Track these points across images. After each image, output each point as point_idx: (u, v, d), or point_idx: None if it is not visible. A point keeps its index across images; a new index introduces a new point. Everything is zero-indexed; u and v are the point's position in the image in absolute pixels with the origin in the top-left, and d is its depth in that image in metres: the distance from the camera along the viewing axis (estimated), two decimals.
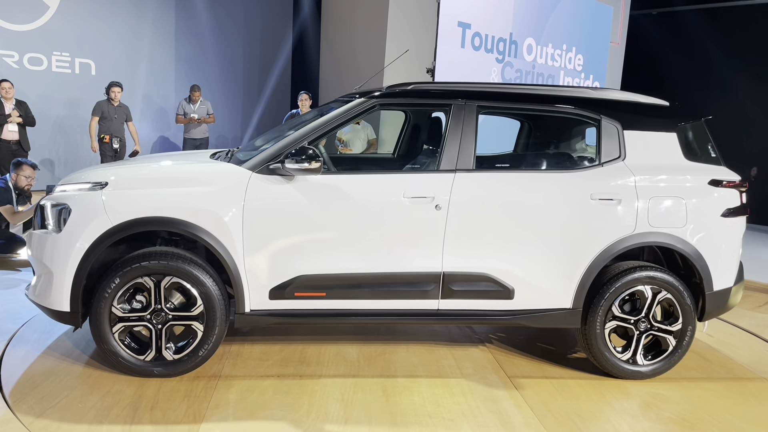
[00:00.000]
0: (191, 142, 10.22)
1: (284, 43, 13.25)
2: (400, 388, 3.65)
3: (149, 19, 11.19)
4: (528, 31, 11.41)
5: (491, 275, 3.69)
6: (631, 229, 3.75)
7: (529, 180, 3.82)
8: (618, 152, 3.86)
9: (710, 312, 3.93)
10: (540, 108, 4.05)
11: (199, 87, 10.22)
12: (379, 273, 3.61)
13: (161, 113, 11.79)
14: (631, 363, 3.88)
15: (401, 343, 4.31)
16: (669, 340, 3.85)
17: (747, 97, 13.19)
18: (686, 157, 3.88)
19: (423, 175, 3.76)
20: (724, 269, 3.89)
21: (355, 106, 3.77)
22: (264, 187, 3.52)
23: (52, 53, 10.15)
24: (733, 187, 3.91)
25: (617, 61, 14.18)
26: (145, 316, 3.49)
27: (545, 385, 3.79)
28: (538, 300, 3.77)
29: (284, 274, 3.55)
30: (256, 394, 3.47)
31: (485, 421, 3.29)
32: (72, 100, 10.51)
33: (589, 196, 3.73)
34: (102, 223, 3.39)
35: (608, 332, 3.81)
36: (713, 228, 3.82)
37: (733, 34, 13.64)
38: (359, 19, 10.96)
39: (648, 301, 3.80)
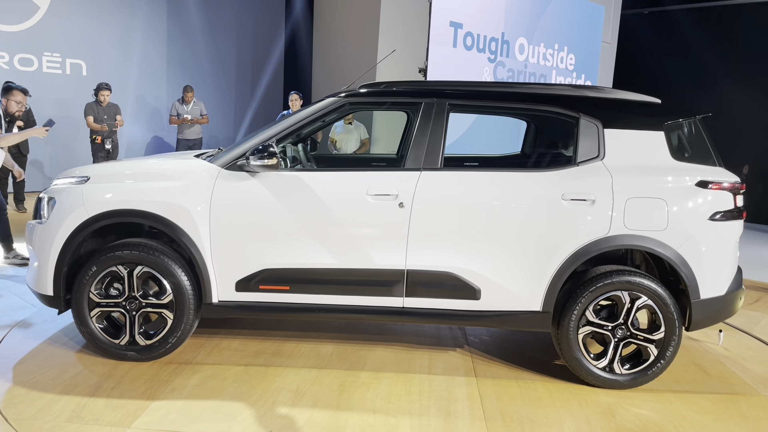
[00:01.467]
0: (184, 143, 10.21)
1: (276, 43, 13.25)
2: (359, 383, 3.68)
3: (141, 20, 11.17)
4: (520, 31, 11.44)
5: (456, 274, 3.64)
6: (605, 231, 3.60)
7: (496, 179, 3.70)
8: (596, 151, 3.71)
9: (698, 322, 3.70)
10: (514, 106, 3.98)
11: (192, 88, 10.21)
12: (342, 269, 3.67)
13: (154, 114, 11.76)
14: (608, 371, 3.71)
15: (382, 342, 4.35)
16: (650, 350, 3.67)
17: (738, 96, 13.29)
18: (674, 157, 3.69)
19: (387, 173, 3.78)
20: (713, 276, 3.66)
21: (326, 105, 3.86)
22: (230, 182, 3.68)
23: (42, 54, 10.11)
24: (725, 189, 3.66)
25: (609, 61, 14.26)
26: (121, 302, 3.73)
27: (512, 388, 3.72)
28: (505, 301, 3.68)
29: (249, 267, 3.69)
30: (217, 380, 3.62)
31: (429, 420, 3.27)
32: (63, 101, 10.46)
33: (560, 196, 3.61)
34: (80, 214, 3.66)
35: (582, 338, 3.67)
36: (700, 232, 3.60)
37: (724, 33, 13.76)
38: (351, 19, 10.95)
39: (625, 308, 3.65)
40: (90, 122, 9.23)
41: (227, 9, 12.55)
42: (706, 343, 4.67)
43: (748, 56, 13.61)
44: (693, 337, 4.78)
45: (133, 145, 11.62)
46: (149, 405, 3.30)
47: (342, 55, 11.27)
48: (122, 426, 3.07)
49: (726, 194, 3.66)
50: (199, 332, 4.35)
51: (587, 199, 3.60)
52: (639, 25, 14.96)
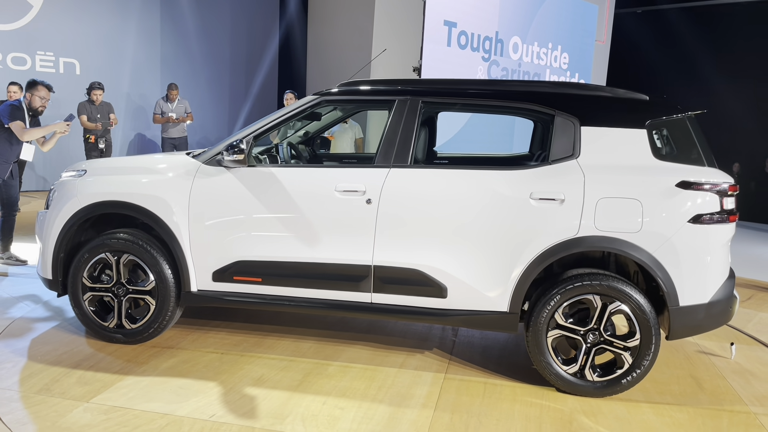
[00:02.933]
0: (169, 142, 10.19)
1: (271, 42, 13.25)
2: (325, 374, 3.76)
3: (134, 18, 11.18)
4: (514, 30, 11.48)
5: (423, 271, 3.64)
6: (574, 231, 3.48)
7: (465, 177, 3.68)
8: (571, 150, 3.60)
9: (678, 330, 3.52)
10: (488, 104, 3.96)
11: (177, 86, 10.18)
12: (311, 263, 3.75)
13: (148, 113, 11.71)
14: (579, 377, 3.58)
15: (364, 339, 4.38)
16: (624, 357, 3.52)
17: (730, 94, 13.41)
18: (656, 156, 3.53)
19: (356, 170, 3.86)
20: (694, 282, 3.46)
21: (304, 102, 3.99)
22: (208, 177, 3.87)
23: (35, 53, 10.10)
24: (710, 191, 3.46)
25: (602, 59, 14.33)
26: (110, 288, 3.99)
27: (476, 388, 3.67)
28: (472, 300, 3.64)
29: (224, 259, 3.85)
30: (189, 365, 3.80)
31: (375, 414, 3.29)
32: (56, 99, 10.40)
33: (529, 195, 3.54)
34: (73, 205, 3.97)
35: (551, 341, 3.58)
36: (678, 235, 3.42)
37: (717, 33, 13.86)
38: (346, 18, 10.97)
39: (597, 312, 3.51)
40: (84, 121, 9.23)
41: (221, 8, 12.56)
42: (718, 357, 4.42)
43: (740, 55, 13.72)
44: (706, 350, 4.55)
45: (126, 144, 11.60)
46: (116, 383, 3.50)
47: (336, 54, 11.28)
48: (82, 401, 3.28)
49: (710, 196, 3.46)
50: (192, 321, 4.52)
51: (556, 199, 3.51)
52: (632, 24, 15.06)
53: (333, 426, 3.14)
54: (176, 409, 3.23)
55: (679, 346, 4.56)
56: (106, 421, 3.09)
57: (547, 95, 3.75)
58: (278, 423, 3.14)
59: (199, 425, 3.08)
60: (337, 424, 3.17)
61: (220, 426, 3.08)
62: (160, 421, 3.11)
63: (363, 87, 4.03)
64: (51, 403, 3.24)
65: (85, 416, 3.13)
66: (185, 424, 3.09)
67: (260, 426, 3.10)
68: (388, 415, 3.29)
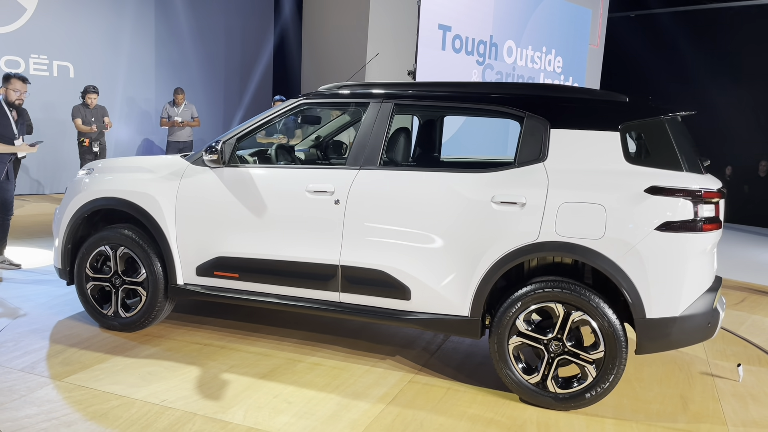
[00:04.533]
0: (175, 145, 10.24)
1: (265, 45, 13.31)
2: (292, 369, 3.89)
3: (128, 21, 11.23)
4: (508, 34, 11.56)
5: (387, 272, 3.70)
6: (533, 236, 3.42)
7: (429, 179, 3.71)
8: (538, 152, 3.53)
9: (645, 344, 3.38)
10: (460, 106, 4.01)
11: (183, 90, 10.22)
12: (283, 260, 3.91)
13: (143, 116, 11.81)
14: (541, 388, 3.51)
15: (350, 339, 4.48)
16: (588, 370, 3.42)
17: (723, 97, 13.49)
18: (629, 160, 3.40)
19: (326, 171, 4.01)
20: (663, 294, 3.31)
21: (286, 105, 4.17)
22: (193, 176, 4.13)
23: (29, 56, 10.13)
24: (683, 197, 3.29)
25: (596, 63, 14.45)
26: (109, 278, 4.32)
27: (436, 393, 3.68)
28: (435, 304, 3.65)
29: (206, 254, 4.08)
30: (168, 353, 4.05)
31: (320, 410, 3.39)
32: (50, 103, 10.46)
33: (491, 198, 3.51)
34: (79, 200, 4.35)
35: (513, 349, 3.53)
36: (644, 243, 3.28)
37: (710, 36, 14.02)
38: (340, 22, 11.01)
39: (559, 321, 3.44)
40: (78, 124, 9.26)
41: (216, 11, 12.62)
42: (724, 379, 4.19)
43: (733, 58, 13.83)
44: (715, 370, 4.33)
45: (121, 147, 11.60)
46: (94, 365, 3.80)
47: (331, 58, 11.32)
48: (56, 379, 3.59)
49: (683, 202, 3.28)
50: (189, 317, 4.75)
51: (517, 202, 3.46)
52: (626, 28, 15.21)
53: (272, 418, 3.27)
54: (134, 393, 3.46)
55: (684, 365, 4.38)
56: (68, 398, 3.37)
57: (518, 97, 3.72)
58: (221, 412, 3.31)
59: (146, 408, 3.29)
60: (277, 416, 3.30)
61: (165, 410, 3.29)
62: (114, 402, 3.35)
63: (341, 90, 4.15)
64: (27, 380, 3.58)
65: (51, 393, 3.43)
66: (135, 406, 3.32)
67: (203, 413, 3.28)
68: (332, 412, 3.38)
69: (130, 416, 3.20)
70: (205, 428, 3.12)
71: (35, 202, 9.87)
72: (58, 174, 10.81)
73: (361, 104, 4.05)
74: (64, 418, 3.16)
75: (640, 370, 4.19)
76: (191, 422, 3.17)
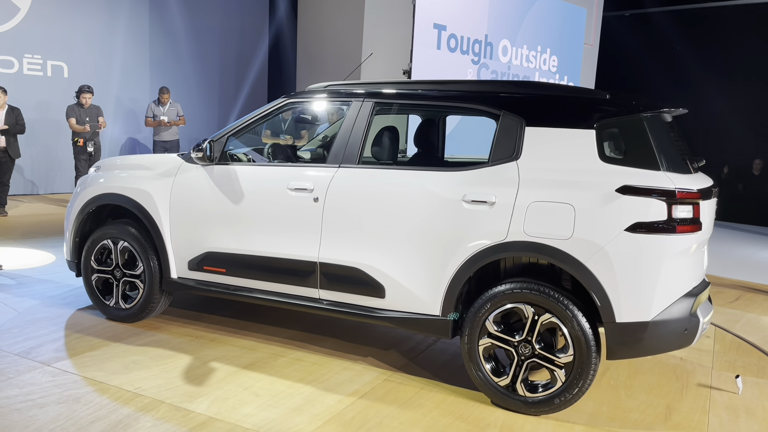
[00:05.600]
0: (161, 145, 10.24)
1: (260, 44, 13.31)
2: (272, 364, 3.99)
3: (123, 21, 11.25)
4: (503, 33, 11.59)
5: (362, 270, 3.76)
6: (502, 236, 3.40)
7: (405, 178, 3.74)
8: (512, 151, 3.50)
9: (615, 349, 3.31)
10: (439, 104, 4.01)
11: (168, 89, 10.21)
12: (266, 256, 4.04)
13: (137, 116, 11.83)
14: (511, 391, 3.47)
15: (340, 336, 4.55)
16: (557, 374, 3.37)
17: (718, 97, 13.59)
18: (603, 159, 3.33)
19: (307, 169, 4.10)
20: (634, 297, 3.23)
21: (272, 104, 4.30)
22: (186, 173, 4.32)
23: (23, 56, 10.14)
24: (656, 198, 3.19)
25: (591, 62, 14.52)
26: (111, 271, 4.55)
27: (407, 392, 3.70)
28: (408, 302, 3.69)
29: (197, 249, 4.26)
30: (158, 344, 4.21)
31: (284, 403, 3.45)
32: (44, 103, 10.47)
33: (462, 197, 3.51)
34: (85, 195, 4.61)
35: (483, 350, 3.51)
36: (614, 244, 3.20)
37: (705, 35, 14.11)
38: (335, 21, 11.02)
39: (528, 323, 3.41)
40: (72, 124, 9.25)
41: (210, 10, 12.61)
42: (723, 391, 4.02)
43: (728, 57, 13.89)
44: (716, 381, 4.17)
45: (116, 147, 11.58)
46: (85, 353, 4.00)
47: (326, 57, 11.32)
48: (45, 364, 3.79)
49: (655, 203, 3.19)
50: (190, 311, 4.92)
51: (487, 201, 3.45)
52: (620, 27, 15.23)
53: (235, 410, 3.36)
54: (113, 379, 3.62)
55: (684, 374, 4.25)
56: (49, 381, 3.57)
57: (495, 95, 3.71)
58: (188, 401, 3.43)
59: (119, 394, 3.44)
60: (240, 408, 3.39)
61: (135, 397, 3.44)
62: (90, 387, 3.51)
63: (325, 89, 4.24)
64: (19, 363, 3.79)
65: (37, 377, 3.62)
66: (109, 391, 3.47)
67: (170, 401, 3.41)
68: (296, 405, 3.45)
69: (101, 401, 3.35)
70: (167, 416, 3.25)
71: (29, 202, 9.85)
72: (53, 174, 10.78)
73: (343, 103, 4.13)
74: (40, 400, 3.33)
75: (632, 378, 4.12)
76: (156, 409, 3.30)
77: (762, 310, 6.11)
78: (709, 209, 3.50)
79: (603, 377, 4.08)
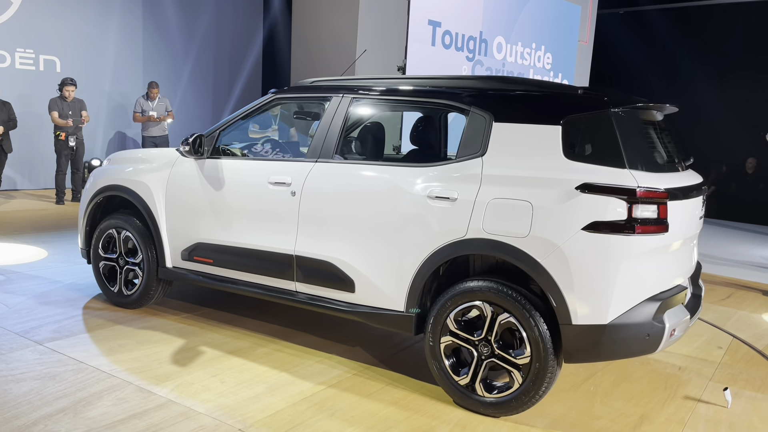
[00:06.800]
0: (150, 140, 10.20)
1: (254, 40, 13.31)
2: (251, 352, 4.11)
3: (116, 15, 11.20)
4: (498, 30, 11.61)
5: (334, 264, 3.84)
6: (462, 233, 3.39)
7: (375, 173, 3.79)
8: (479, 147, 3.47)
9: (572, 353, 3.23)
10: (411, 100, 4.00)
11: (158, 84, 10.12)
12: (248, 248, 4.17)
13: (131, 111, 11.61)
14: (470, 390, 3.44)
15: (333, 327, 4.65)
16: (514, 375, 3.32)
17: (713, 95, 13.62)
18: (568, 156, 3.25)
19: (287, 163, 4.18)
20: (590, 299, 3.13)
21: (259, 101, 4.43)
22: (180, 166, 4.52)
23: (15, 50, 10.07)
24: (616, 197, 3.09)
25: (585, 60, 14.54)
26: (115, 259, 4.83)
27: (371, 387, 3.71)
28: (376, 298, 3.73)
29: (189, 239, 4.46)
30: (149, 329, 4.43)
31: (245, 392, 3.54)
32: (36, 97, 10.41)
33: (427, 193, 3.52)
34: (94, 186, 4.90)
35: (444, 348, 3.49)
36: (570, 243, 3.12)
37: (698, 34, 14.19)
38: (330, 17, 10.99)
39: (487, 322, 3.37)
40: (55, 118, 9.09)
41: (204, 5, 12.62)
42: (712, 405, 3.83)
43: (722, 56, 13.95)
44: (704, 396, 3.93)
45: (108, 143, 11.51)
46: (79, 335, 4.23)
47: (321, 53, 11.29)
48: (38, 344, 4.04)
49: (614, 202, 3.08)
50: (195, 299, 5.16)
51: (450, 198, 3.45)
52: (615, 25, 15.29)
53: (195, 395, 3.49)
54: (93, 360, 3.85)
55: (674, 384, 4.09)
56: (35, 359, 3.81)
57: (465, 91, 3.68)
58: (154, 384, 3.58)
59: (93, 375, 3.65)
60: (201, 393, 3.52)
61: (108, 377, 3.63)
62: (70, 366, 3.74)
63: (309, 86, 4.37)
64: (15, 340, 4.06)
65: (26, 355, 3.87)
66: (85, 372, 3.68)
67: (137, 384, 3.57)
68: (255, 394, 3.55)
69: (74, 379, 3.57)
70: (129, 396, 3.42)
71: (19, 198, 9.77)
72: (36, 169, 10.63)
73: (325, 99, 4.19)
74: (20, 375, 3.58)
75: (617, 385, 4.01)
76: (121, 390, 3.49)
77: (754, 307, 6.17)
78: (684, 210, 3.41)
79: (585, 382, 3.99)
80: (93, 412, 3.21)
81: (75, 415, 3.17)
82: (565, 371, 4.11)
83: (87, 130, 10.03)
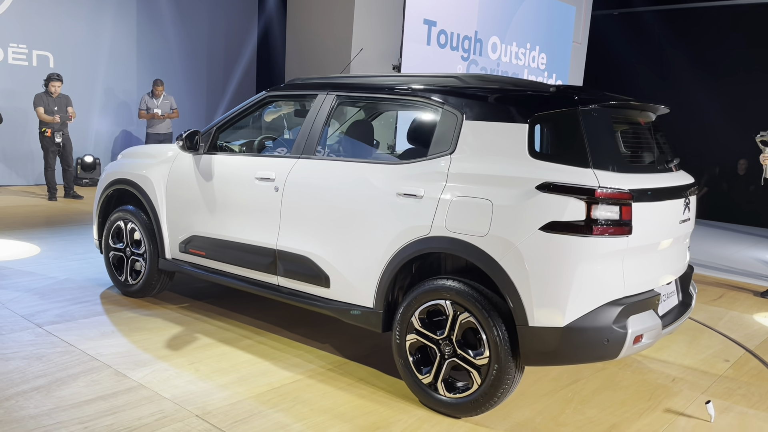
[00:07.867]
0: (155, 137, 10.19)
1: (249, 37, 13.30)
2: (236, 343, 4.23)
3: (110, 11, 11.19)
4: (493, 30, 11.64)
5: (310, 259, 3.93)
6: (426, 230, 3.41)
7: (349, 170, 3.87)
8: (449, 144, 3.48)
9: (529, 356, 3.17)
10: (388, 98, 4.04)
11: (162, 81, 10.14)
12: (236, 242, 4.32)
13: (123, 107, 11.74)
14: (432, 389, 3.44)
15: (325, 322, 4.70)
16: (473, 376, 3.30)
17: (706, 97, 13.71)
18: (532, 154, 3.22)
19: (272, 159, 4.28)
20: (546, 301, 3.09)
21: (253, 99, 4.56)
22: (179, 161, 4.73)
23: (8, 45, 10.03)
24: (574, 197, 3.03)
25: (580, 60, 14.68)
26: (123, 249, 5.06)
27: (342, 382, 3.75)
28: (348, 293, 3.81)
29: (185, 232, 4.65)
30: (145, 317, 4.62)
31: (218, 380, 3.62)
32: (29, 93, 10.28)
33: (396, 190, 3.57)
34: (106, 179, 5.19)
35: (409, 346, 3.51)
36: (527, 243, 3.09)
37: (692, 35, 14.26)
38: (325, 15, 10.99)
39: (449, 321, 3.36)
40: (40, 114, 9.01)
41: (199, 2, 12.45)
42: (694, 418, 3.66)
43: (715, 57, 14.05)
44: (688, 409, 3.76)
45: (100, 139, 11.45)
46: (78, 320, 4.44)
47: (315, 51, 11.28)
48: (38, 327, 4.26)
49: (573, 202, 3.03)
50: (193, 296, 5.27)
51: (416, 195, 3.48)
52: (609, 26, 15.34)
53: (167, 381, 3.60)
54: (82, 343, 4.03)
55: (661, 395, 3.94)
56: (29, 341, 4.01)
57: (438, 88, 3.69)
58: (131, 369, 3.72)
59: (78, 357, 3.83)
60: (173, 380, 3.62)
61: (90, 360, 3.79)
62: (60, 348, 3.95)
63: (299, 84, 4.48)
64: (17, 323, 4.30)
65: (23, 336, 4.09)
66: (72, 354, 3.87)
67: (116, 368, 3.72)
68: (225, 383, 3.64)
69: (61, 360, 3.77)
70: (104, 380, 3.57)
71: (11, 194, 9.71)
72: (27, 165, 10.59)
73: (313, 96, 4.28)
74: (10, 354, 3.80)
75: (598, 393, 3.90)
76: (99, 372, 3.65)
77: (744, 308, 6.24)
78: (657, 212, 3.37)
79: (565, 388, 3.91)
80: (65, 392, 3.38)
81: (47, 393, 3.36)
82: (548, 376, 4.06)
83: (77, 126, 10.00)
